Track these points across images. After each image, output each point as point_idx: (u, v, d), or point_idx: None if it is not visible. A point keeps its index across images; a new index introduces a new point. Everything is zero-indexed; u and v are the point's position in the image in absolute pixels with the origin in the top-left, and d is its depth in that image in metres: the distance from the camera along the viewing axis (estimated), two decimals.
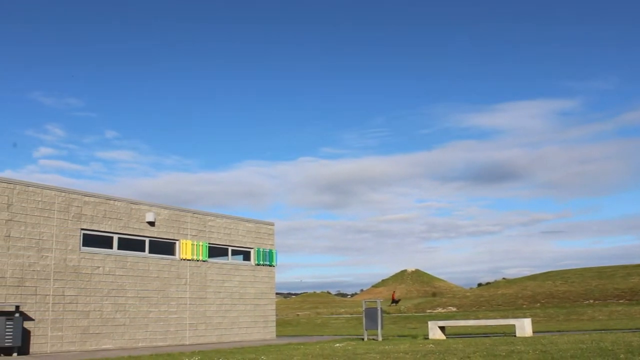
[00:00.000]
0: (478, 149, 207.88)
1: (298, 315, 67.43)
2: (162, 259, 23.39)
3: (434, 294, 70.63)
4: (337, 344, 19.47)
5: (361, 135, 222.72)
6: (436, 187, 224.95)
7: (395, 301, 70.17)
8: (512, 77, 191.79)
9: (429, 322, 23.16)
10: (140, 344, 21.85)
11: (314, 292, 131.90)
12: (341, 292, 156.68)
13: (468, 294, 70.15)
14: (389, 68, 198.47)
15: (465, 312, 51.68)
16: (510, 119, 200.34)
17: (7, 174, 32.61)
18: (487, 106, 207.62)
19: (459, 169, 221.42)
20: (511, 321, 22.31)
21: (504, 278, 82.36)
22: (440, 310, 57.21)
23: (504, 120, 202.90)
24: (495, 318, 34.93)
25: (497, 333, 24.63)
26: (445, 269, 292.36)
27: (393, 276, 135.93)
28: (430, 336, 22.36)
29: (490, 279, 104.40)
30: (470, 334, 25.14)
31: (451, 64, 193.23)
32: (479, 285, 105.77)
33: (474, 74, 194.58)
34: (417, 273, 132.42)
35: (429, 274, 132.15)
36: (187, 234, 24.49)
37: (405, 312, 57.50)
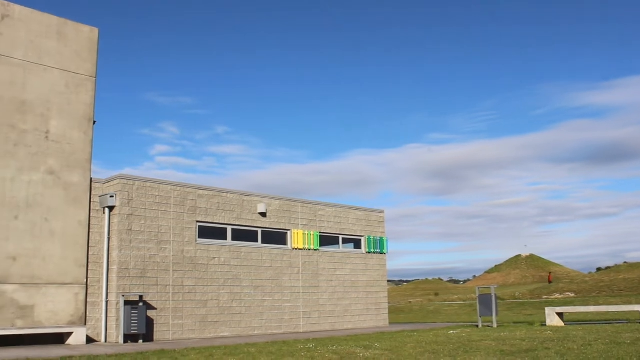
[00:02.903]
0: (593, 128, 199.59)
1: (410, 302, 67.20)
2: (275, 248, 23.88)
3: (551, 281, 68.72)
4: (451, 331, 19.26)
5: (469, 119, 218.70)
6: (549, 169, 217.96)
7: (552, 282, 69.28)
8: (628, 50, 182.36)
9: (546, 309, 22.50)
10: (256, 332, 22.44)
11: (426, 279, 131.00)
12: (453, 278, 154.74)
13: (587, 279, 67.49)
14: (497, 49, 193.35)
15: (584, 297, 49.77)
16: (629, 95, 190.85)
17: (127, 171, 34.20)
18: (603, 83, 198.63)
19: (573, 149, 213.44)
20: (635, 307, 21.32)
21: (625, 262, 78.45)
22: (557, 296, 55.37)
23: (622, 97, 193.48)
24: (617, 304, 33.43)
25: (619, 320, 23.59)
26: (561, 254, 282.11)
27: (507, 261, 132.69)
28: (548, 323, 21.73)
29: (611, 263, 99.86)
30: (590, 321, 24.22)
31: (563, 41, 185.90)
32: (599, 269, 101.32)
33: (588, 50, 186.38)
34: (532, 258, 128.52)
35: (544, 259, 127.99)
36: (299, 224, 24.87)
37: (520, 298, 56.04)
